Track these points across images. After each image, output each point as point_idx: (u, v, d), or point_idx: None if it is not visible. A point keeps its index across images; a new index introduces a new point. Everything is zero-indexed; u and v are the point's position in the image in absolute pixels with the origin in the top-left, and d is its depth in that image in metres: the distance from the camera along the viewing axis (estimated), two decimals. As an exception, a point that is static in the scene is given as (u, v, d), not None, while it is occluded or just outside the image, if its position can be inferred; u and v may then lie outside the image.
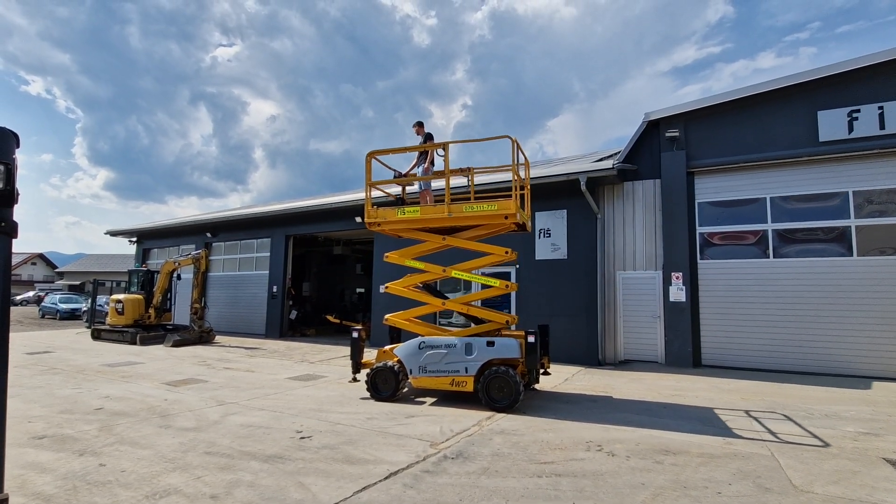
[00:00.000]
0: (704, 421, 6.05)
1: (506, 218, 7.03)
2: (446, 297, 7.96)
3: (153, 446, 4.90)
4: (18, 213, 2.04)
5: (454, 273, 7.55)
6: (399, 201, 8.18)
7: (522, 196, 7.53)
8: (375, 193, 8.08)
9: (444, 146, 7.39)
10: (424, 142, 8.03)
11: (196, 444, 5.00)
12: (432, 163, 8.01)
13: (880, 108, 9.22)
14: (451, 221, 7.29)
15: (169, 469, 4.27)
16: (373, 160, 7.67)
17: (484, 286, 7.69)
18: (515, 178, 7.00)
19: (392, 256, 7.92)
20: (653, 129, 11.25)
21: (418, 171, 8.08)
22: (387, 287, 7.93)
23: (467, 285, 12.65)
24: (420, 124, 8.27)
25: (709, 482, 4.05)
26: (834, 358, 9.36)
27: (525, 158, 7.68)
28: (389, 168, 8.34)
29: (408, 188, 8.60)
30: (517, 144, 7.00)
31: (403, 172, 8.30)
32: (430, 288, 8.14)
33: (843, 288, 9.45)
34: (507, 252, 7.35)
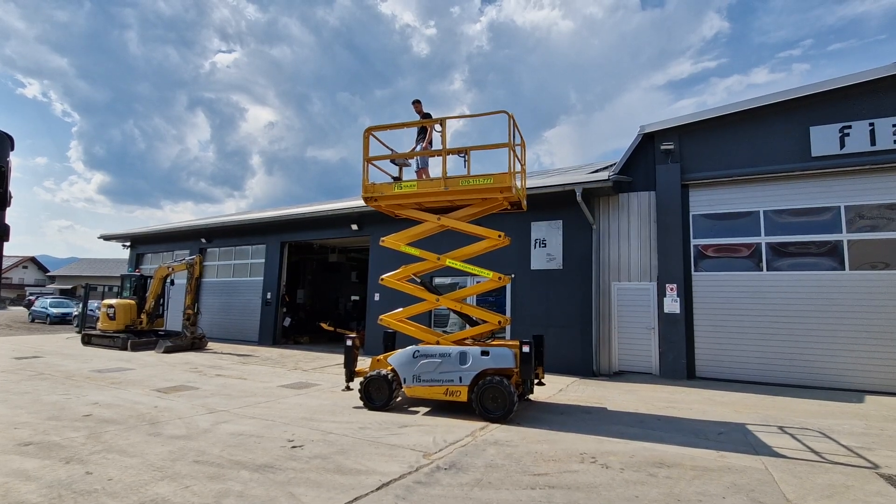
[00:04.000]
0: (698, 433, 6.03)
1: (500, 192, 7.05)
2: (440, 293, 7.98)
3: (141, 454, 4.82)
4: (11, 216, 2.02)
5: (448, 262, 7.59)
6: (396, 181, 8.24)
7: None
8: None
9: (442, 122, 7.48)
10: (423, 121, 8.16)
11: (185, 452, 4.93)
12: (430, 142, 8.12)
13: (871, 124, 9.36)
14: (447, 195, 7.33)
15: (157, 478, 4.20)
16: (370, 137, 7.75)
17: (479, 279, 7.70)
18: (511, 154, 7.05)
19: (388, 240, 7.99)
20: (648, 142, 11.36)
21: (417, 148, 8.18)
22: (383, 279, 7.94)
23: (462, 286, 12.65)
24: (418, 102, 8.42)
25: (703, 496, 4.03)
26: (827, 371, 9.39)
27: (521, 139, 7.72)
28: (387, 146, 8.40)
29: (405, 167, 8.68)
30: (514, 121, 7.06)
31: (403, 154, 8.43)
32: (424, 284, 8.17)
33: (835, 301, 9.51)
34: (500, 235, 7.37)
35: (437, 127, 7.76)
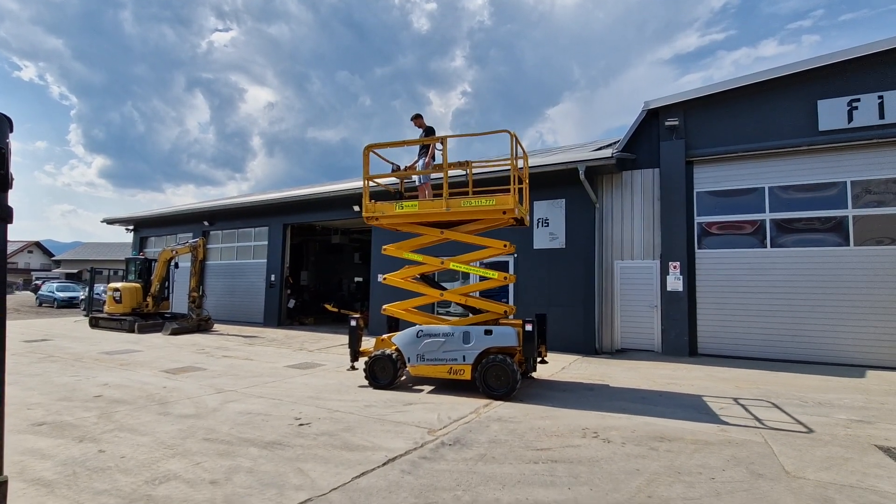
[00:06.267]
0: (699, 409, 6.11)
1: (504, 213, 7.02)
2: (444, 289, 7.99)
3: (152, 433, 4.93)
4: (13, 200, 2.02)
5: (452, 265, 7.60)
6: (397, 195, 8.15)
7: (521, 190, 7.51)
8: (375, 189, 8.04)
9: (443, 140, 7.36)
10: (425, 135, 8.05)
11: (195, 430, 5.03)
12: (433, 157, 8.01)
13: (880, 97, 9.19)
14: (449, 216, 7.29)
15: (168, 455, 4.30)
16: (371, 154, 7.65)
17: (482, 278, 7.70)
18: (514, 172, 6.98)
19: (390, 249, 7.93)
20: (652, 118, 11.20)
21: (419, 164, 8.08)
22: (385, 278, 7.96)
23: (465, 275, 12.68)
24: (419, 116, 8.25)
25: (702, 468, 4.10)
26: (829, 347, 9.44)
27: (524, 152, 7.65)
28: (387, 161, 8.36)
29: (405, 181, 8.59)
30: (516, 139, 6.97)
31: (404, 167, 8.34)
32: (427, 279, 8.16)
33: (839, 277, 9.49)
34: (505, 245, 7.36)
35: (439, 145, 7.65)
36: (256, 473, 3.91)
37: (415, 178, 8.28)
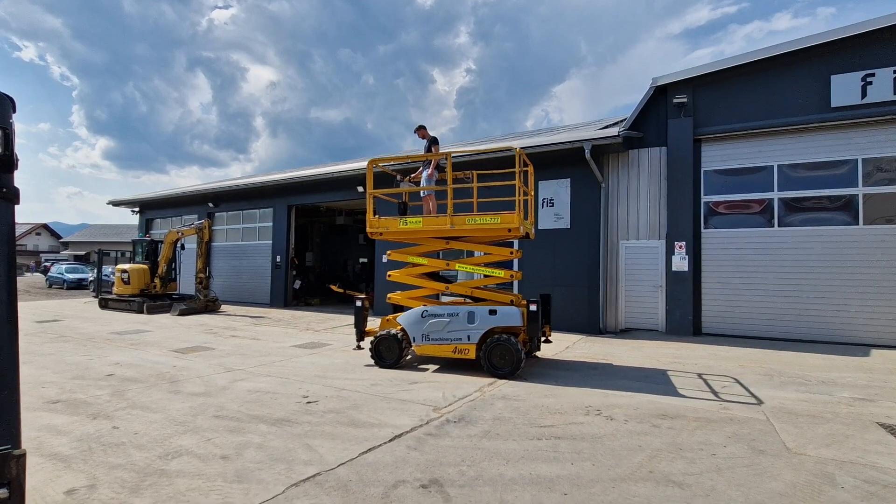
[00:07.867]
0: (702, 387, 6.16)
1: (509, 231, 7.01)
2: (450, 281, 8.07)
3: (164, 410, 5.04)
4: (20, 182, 2.03)
5: (458, 266, 7.70)
6: (402, 206, 8.14)
7: (526, 202, 7.51)
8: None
9: (447, 156, 7.32)
10: (428, 146, 8.07)
11: (205, 408, 5.14)
12: (436, 167, 7.98)
13: (896, 71, 8.96)
14: (453, 232, 7.29)
15: (180, 432, 4.40)
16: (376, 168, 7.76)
17: (487, 276, 7.72)
18: (519, 186, 6.96)
19: (394, 254, 8.00)
20: (660, 96, 10.99)
21: (423, 175, 8.07)
22: (390, 275, 8.02)
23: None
24: (422, 128, 8.26)
25: (704, 445, 4.16)
26: (834, 326, 9.42)
27: (528, 163, 7.59)
28: (391, 173, 8.51)
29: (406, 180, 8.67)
30: (522, 156, 6.94)
31: (409, 178, 8.39)
32: (433, 274, 8.19)
33: (846, 256, 9.42)
34: (512, 252, 7.36)
35: (443, 161, 7.61)
36: (266, 449, 4.01)
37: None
